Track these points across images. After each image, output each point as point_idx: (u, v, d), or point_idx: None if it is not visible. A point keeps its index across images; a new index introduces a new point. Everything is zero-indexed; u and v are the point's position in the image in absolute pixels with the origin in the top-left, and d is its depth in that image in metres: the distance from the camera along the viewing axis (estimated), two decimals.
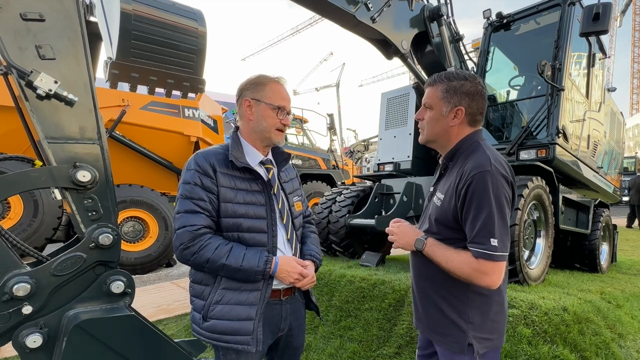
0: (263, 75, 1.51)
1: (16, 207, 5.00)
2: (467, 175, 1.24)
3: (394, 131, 5.02)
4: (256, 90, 1.46)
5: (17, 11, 1.30)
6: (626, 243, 7.98)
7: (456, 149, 1.39)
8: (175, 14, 5.32)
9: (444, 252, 1.30)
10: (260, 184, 1.45)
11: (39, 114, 1.35)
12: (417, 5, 3.87)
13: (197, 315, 1.42)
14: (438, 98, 1.37)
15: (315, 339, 3.00)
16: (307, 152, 10.59)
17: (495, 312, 1.35)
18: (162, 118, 6.16)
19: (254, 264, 1.34)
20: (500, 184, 1.23)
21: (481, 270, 1.22)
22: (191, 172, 1.38)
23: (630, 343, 2.71)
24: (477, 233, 1.22)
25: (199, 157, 1.41)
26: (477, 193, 1.22)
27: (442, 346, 1.39)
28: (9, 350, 2.85)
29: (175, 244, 1.36)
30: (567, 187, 4.43)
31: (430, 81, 1.42)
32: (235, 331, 1.37)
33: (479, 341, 1.32)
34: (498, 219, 1.21)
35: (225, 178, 1.39)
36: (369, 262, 4.07)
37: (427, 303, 1.45)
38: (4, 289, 1.26)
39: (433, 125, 1.39)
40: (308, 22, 43.74)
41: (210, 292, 1.40)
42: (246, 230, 1.41)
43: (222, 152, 1.44)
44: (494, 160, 1.26)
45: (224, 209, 1.38)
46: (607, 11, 3.48)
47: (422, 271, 1.46)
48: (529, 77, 4.56)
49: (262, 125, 1.46)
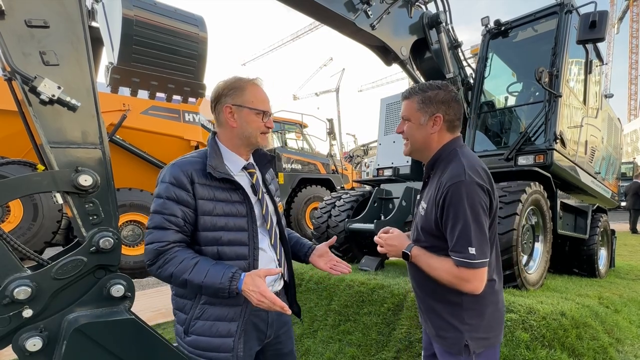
0: (239, 78, 1.43)
1: (16, 211, 5.00)
2: (443, 187, 1.30)
3: (393, 136, 5.05)
4: (236, 95, 1.39)
5: (21, 17, 1.32)
6: (624, 248, 7.98)
7: (436, 157, 1.44)
8: (176, 20, 5.37)
9: (427, 261, 1.35)
10: (240, 194, 1.39)
11: (41, 119, 1.36)
12: (416, 12, 3.92)
13: (180, 328, 1.41)
14: (415, 109, 1.43)
15: (314, 343, 3.00)
16: (306, 157, 10.61)
17: (491, 312, 1.38)
18: (163, 122, 6.20)
19: (216, 280, 1.24)
20: (474, 192, 1.26)
21: (462, 277, 1.26)
22: (165, 185, 1.32)
23: (628, 348, 2.71)
24: (456, 242, 1.27)
25: (175, 169, 1.34)
26: (453, 203, 1.26)
27: (441, 347, 1.43)
28: (9, 354, 2.84)
29: (144, 260, 1.34)
30: (565, 192, 4.44)
31: (405, 94, 1.47)
32: (215, 348, 1.34)
33: (476, 341, 1.35)
34: (474, 228, 1.25)
35: (204, 189, 1.33)
36: (368, 266, 4.08)
37: (426, 306, 1.49)
38: (4, 292, 1.27)
39: (413, 135, 1.45)
40: (308, 28, 44.00)
41: (192, 307, 1.36)
42: (226, 243, 1.35)
43: (200, 161, 1.36)
44: (469, 168, 1.29)
45: (203, 222, 1.32)
46: (604, 19, 3.52)
47: (417, 277, 1.50)
48: (526, 84, 4.59)
49: (247, 130, 1.41)
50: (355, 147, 21.85)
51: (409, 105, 1.45)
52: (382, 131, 5.25)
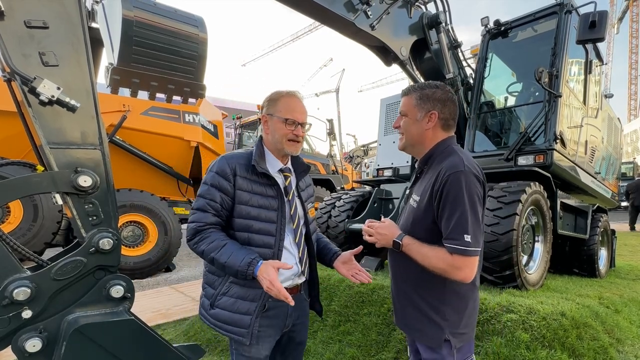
0: (277, 91, 1.62)
1: (16, 212, 5.01)
2: (443, 176, 1.33)
3: (393, 136, 5.05)
4: (270, 106, 1.58)
5: (21, 18, 1.32)
6: (625, 248, 7.98)
7: (431, 153, 1.48)
8: (176, 21, 5.37)
9: (419, 249, 1.37)
10: (275, 190, 1.54)
11: (41, 120, 1.36)
12: (415, 12, 3.92)
13: (206, 301, 1.56)
14: (412, 105, 1.49)
15: (314, 344, 3.00)
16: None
17: (471, 308, 1.44)
18: (163, 123, 6.19)
19: (237, 262, 1.40)
20: (473, 183, 1.31)
21: (455, 265, 1.29)
22: (212, 173, 1.51)
23: (628, 348, 2.71)
24: (452, 230, 1.29)
25: (222, 161, 1.52)
26: (452, 192, 1.30)
27: (421, 342, 1.47)
28: (8, 355, 2.84)
29: (186, 236, 1.52)
30: (565, 192, 4.44)
31: (404, 91, 1.54)
32: (234, 323, 1.48)
33: (455, 336, 1.39)
34: (471, 216, 1.29)
35: (244, 182, 1.50)
36: (368, 266, 4.07)
37: (405, 301, 1.51)
38: (4, 293, 1.27)
39: (409, 129, 1.50)
40: (308, 29, 43.97)
41: (220, 283, 1.53)
42: (256, 231, 1.50)
43: (246, 157, 1.54)
44: (466, 161, 1.35)
45: (238, 210, 1.49)
46: (604, 19, 3.53)
47: (400, 271, 1.53)
48: (526, 84, 4.59)
49: (275, 137, 1.56)
50: (355, 148, 21.84)
51: (407, 101, 1.51)
52: (382, 131, 5.26)
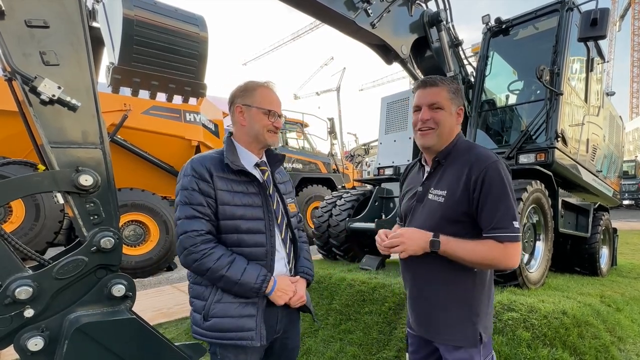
0: (252, 82, 1.56)
1: (18, 211, 5.02)
2: (480, 166, 1.30)
3: (394, 135, 5.04)
4: (246, 96, 1.51)
5: (22, 18, 1.32)
6: (626, 246, 7.97)
7: (451, 147, 1.42)
8: (177, 20, 5.36)
9: (461, 244, 1.28)
10: (256, 186, 1.49)
11: (42, 119, 1.36)
12: (416, 10, 3.91)
13: (197, 316, 1.45)
14: (447, 98, 1.39)
15: (315, 343, 3.00)
16: (307, 156, 10.61)
17: (492, 301, 1.44)
18: (164, 122, 6.20)
19: (252, 279, 1.37)
20: (509, 172, 1.33)
21: (508, 253, 1.27)
22: (188, 177, 1.42)
23: (630, 346, 2.71)
24: (500, 218, 1.27)
25: (195, 163, 1.44)
26: (495, 181, 1.28)
27: (452, 344, 1.38)
28: (11, 354, 2.85)
29: (178, 250, 1.40)
30: (566, 190, 4.43)
31: (431, 81, 1.40)
32: (238, 327, 1.40)
33: (484, 330, 1.38)
34: (514, 204, 1.29)
35: (222, 181, 1.43)
36: (369, 265, 4.08)
37: (429, 307, 1.43)
38: (6, 292, 1.27)
39: (445, 123, 1.39)
40: (309, 27, 43.91)
41: (211, 293, 1.43)
42: (245, 231, 1.44)
43: (217, 157, 1.48)
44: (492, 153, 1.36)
45: (222, 211, 1.42)
46: (605, 17, 3.51)
47: (423, 274, 1.43)
48: (527, 82, 4.58)
49: (255, 128, 1.51)
50: (356, 146, 21.84)
51: (440, 93, 1.38)
52: (382, 130, 5.25)
